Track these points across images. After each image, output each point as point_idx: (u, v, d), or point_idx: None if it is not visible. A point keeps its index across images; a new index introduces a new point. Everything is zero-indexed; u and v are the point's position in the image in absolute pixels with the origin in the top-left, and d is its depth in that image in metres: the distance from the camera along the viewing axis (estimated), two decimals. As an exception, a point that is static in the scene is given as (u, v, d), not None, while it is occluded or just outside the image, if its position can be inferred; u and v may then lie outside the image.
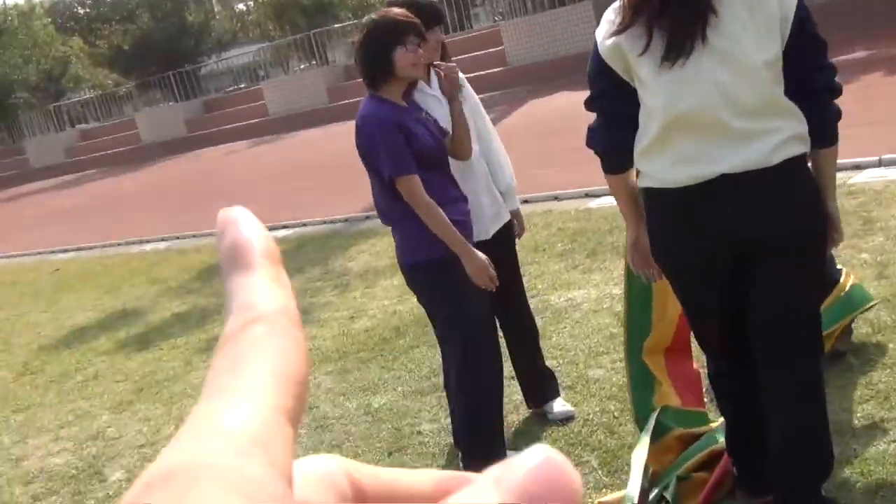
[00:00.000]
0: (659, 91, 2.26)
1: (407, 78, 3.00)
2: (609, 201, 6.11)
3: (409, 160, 2.91)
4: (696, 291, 2.50)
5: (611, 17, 2.31)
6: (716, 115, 2.23)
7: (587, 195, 6.91)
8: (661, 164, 2.33)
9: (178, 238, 10.19)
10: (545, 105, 14.18)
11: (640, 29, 2.23)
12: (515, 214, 3.50)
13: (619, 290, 4.32)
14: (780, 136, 2.24)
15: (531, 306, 3.72)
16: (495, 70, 17.74)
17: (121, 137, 27.01)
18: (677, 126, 2.27)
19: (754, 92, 2.23)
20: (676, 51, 2.20)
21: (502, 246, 3.34)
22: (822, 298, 2.57)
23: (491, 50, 18.51)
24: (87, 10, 30.77)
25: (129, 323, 6.93)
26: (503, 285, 3.13)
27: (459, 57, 18.53)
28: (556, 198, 7.25)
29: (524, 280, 3.70)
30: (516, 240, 3.53)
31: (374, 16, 3.05)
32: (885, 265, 4.20)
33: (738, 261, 2.36)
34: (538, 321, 3.80)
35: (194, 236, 9.86)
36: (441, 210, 2.94)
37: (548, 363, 3.72)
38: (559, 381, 3.69)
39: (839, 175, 2.65)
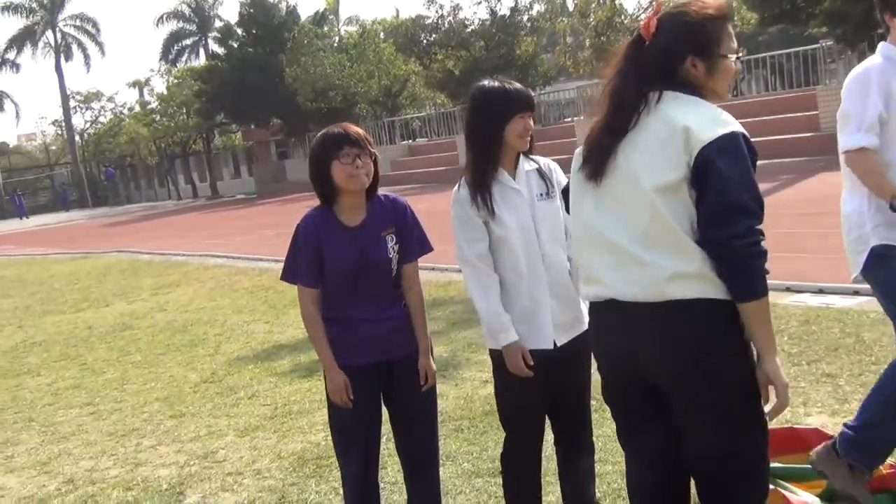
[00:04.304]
0: (575, 207, 2.40)
1: (349, 190, 2.98)
2: (842, 301, 6.01)
3: (301, 271, 3.01)
4: (622, 416, 2.43)
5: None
6: (612, 237, 2.24)
7: (820, 291, 6.51)
8: (582, 278, 2.44)
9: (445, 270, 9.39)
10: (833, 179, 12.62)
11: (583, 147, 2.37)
12: None
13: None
14: (671, 271, 2.13)
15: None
16: (804, 135, 17.38)
17: (443, 157, 28.07)
18: (584, 242, 2.36)
19: (645, 218, 2.17)
20: (593, 169, 2.28)
21: (573, 358, 3.09)
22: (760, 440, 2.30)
23: (801, 114, 18.28)
24: (427, 35, 31.58)
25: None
26: (564, 400, 3.12)
27: (772, 117, 18.21)
28: (787, 288, 6.71)
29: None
30: None
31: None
32: None
33: (658, 391, 2.27)
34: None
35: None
36: (319, 324, 3.05)
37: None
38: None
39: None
